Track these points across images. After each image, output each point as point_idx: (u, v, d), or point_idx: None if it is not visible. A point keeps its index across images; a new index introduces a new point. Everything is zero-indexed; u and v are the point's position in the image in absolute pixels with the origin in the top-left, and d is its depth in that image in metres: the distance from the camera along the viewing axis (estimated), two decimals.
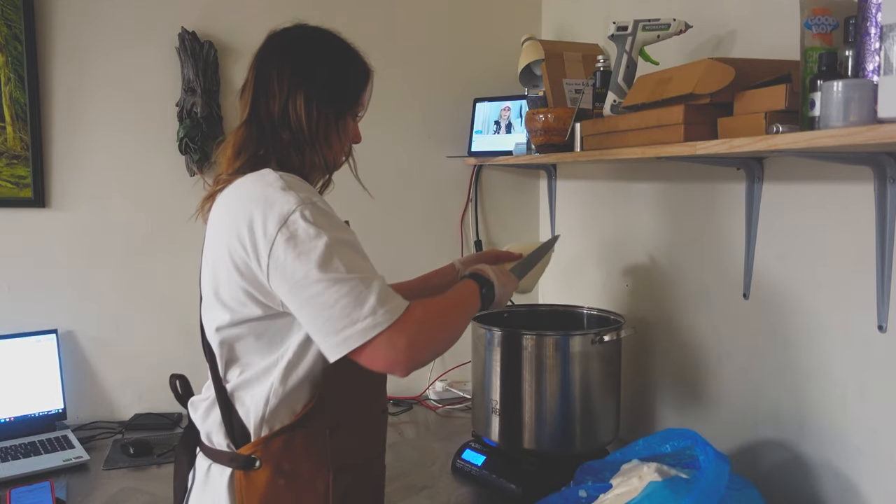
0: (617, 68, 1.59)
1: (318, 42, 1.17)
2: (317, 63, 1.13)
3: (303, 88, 1.10)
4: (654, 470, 1.27)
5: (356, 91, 1.17)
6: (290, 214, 0.98)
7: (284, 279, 0.98)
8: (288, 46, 1.16)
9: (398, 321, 0.97)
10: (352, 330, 0.95)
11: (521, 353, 1.63)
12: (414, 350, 0.98)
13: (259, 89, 1.13)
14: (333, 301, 0.96)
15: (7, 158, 1.91)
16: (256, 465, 1.05)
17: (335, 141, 1.15)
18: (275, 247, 0.98)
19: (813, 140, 1.02)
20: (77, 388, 2.00)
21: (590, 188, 2.12)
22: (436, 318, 1.05)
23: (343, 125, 1.16)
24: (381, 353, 0.96)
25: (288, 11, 2.30)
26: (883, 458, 1.21)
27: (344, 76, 1.15)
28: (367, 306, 0.96)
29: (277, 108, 1.10)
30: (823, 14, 1.12)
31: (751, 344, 1.50)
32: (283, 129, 1.10)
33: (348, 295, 0.96)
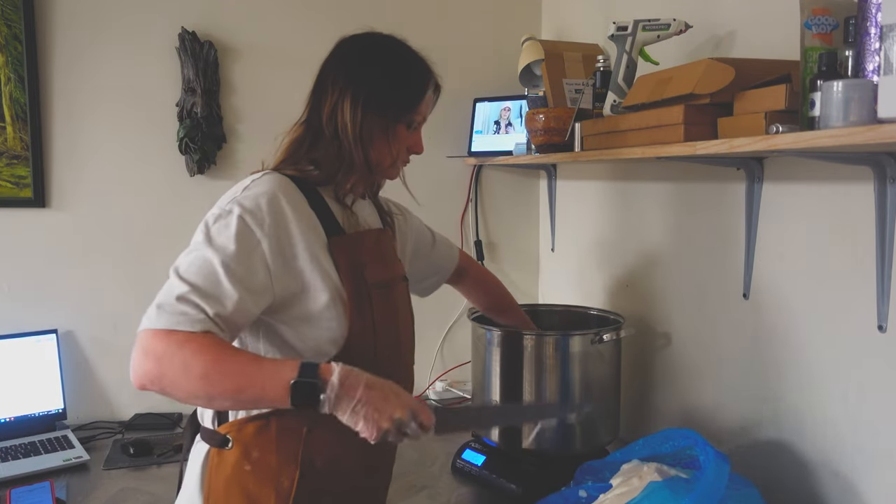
0: (617, 68, 1.59)
1: (377, 48, 1.19)
2: (370, 67, 1.15)
3: (351, 90, 1.12)
4: (654, 470, 1.27)
5: (410, 99, 1.17)
6: (216, 211, 1.06)
7: None
8: (348, 51, 1.18)
9: (152, 331, 0.96)
10: (147, 312, 0.98)
11: (521, 353, 1.63)
12: (136, 368, 0.95)
13: (317, 91, 1.17)
14: (167, 284, 1.02)
15: (7, 158, 1.91)
16: (228, 446, 1.08)
17: (382, 144, 1.15)
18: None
19: (813, 140, 1.02)
20: (77, 388, 2.00)
21: (590, 188, 2.12)
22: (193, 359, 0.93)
23: (394, 132, 1.16)
24: (136, 347, 0.96)
25: (287, 11, 2.31)
26: (883, 457, 1.21)
27: (397, 82, 1.16)
28: (153, 303, 0.99)
29: (328, 109, 1.13)
30: (823, 14, 1.12)
31: (751, 344, 1.50)
32: (329, 128, 1.13)
33: (167, 289, 1.01)
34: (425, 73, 1.19)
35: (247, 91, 2.10)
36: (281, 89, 2.11)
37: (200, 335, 0.95)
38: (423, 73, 1.19)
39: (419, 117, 1.20)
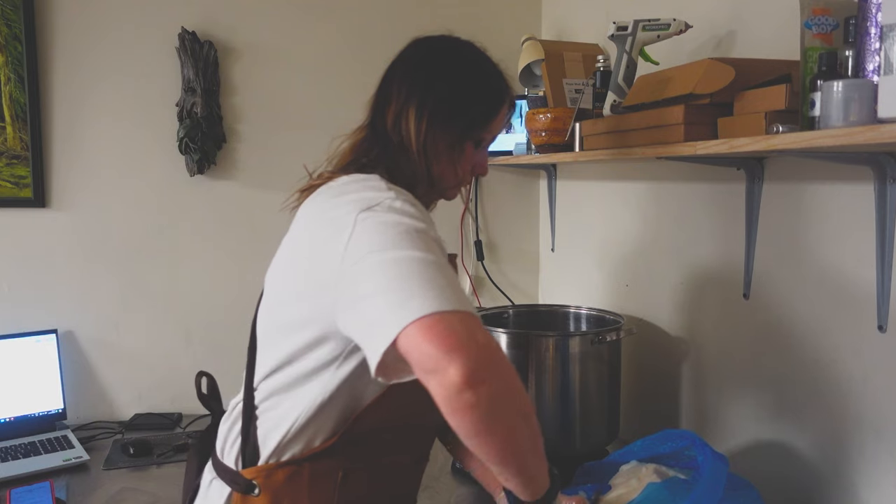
0: (617, 68, 1.59)
1: (451, 55, 1.09)
2: (440, 76, 1.05)
3: (417, 99, 1.03)
4: (652, 471, 1.27)
5: (480, 116, 1.07)
6: (379, 202, 0.87)
7: (354, 256, 0.82)
8: (419, 54, 1.09)
9: (466, 313, 0.76)
10: (416, 299, 0.75)
11: (522, 354, 1.63)
12: (497, 359, 0.75)
13: (381, 94, 1.08)
14: (407, 273, 0.77)
15: (7, 158, 1.91)
16: (255, 493, 0.98)
17: (446, 161, 1.05)
18: (355, 228, 0.84)
19: (813, 140, 1.02)
20: (77, 388, 2.00)
21: (590, 188, 2.12)
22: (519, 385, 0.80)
23: (460, 148, 1.06)
24: (447, 337, 0.72)
25: (287, 11, 2.31)
26: (883, 457, 1.21)
27: (468, 97, 1.06)
28: (441, 283, 0.77)
29: (392, 114, 1.05)
30: (823, 14, 1.12)
31: (751, 344, 1.50)
32: (394, 136, 1.05)
33: (427, 271, 0.78)
34: (502, 88, 1.09)
35: (247, 91, 2.10)
36: (281, 89, 2.11)
37: None
38: (500, 88, 1.09)
39: (489, 136, 1.10)
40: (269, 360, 1.00)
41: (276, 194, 2.11)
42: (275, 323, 1.00)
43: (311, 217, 0.97)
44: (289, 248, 1.01)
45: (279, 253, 1.04)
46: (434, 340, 0.72)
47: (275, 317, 1.00)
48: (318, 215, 0.95)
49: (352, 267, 0.83)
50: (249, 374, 1.04)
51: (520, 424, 0.80)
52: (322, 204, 0.95)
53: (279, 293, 1.01)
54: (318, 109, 2.14)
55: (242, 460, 1.02)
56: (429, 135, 1.03)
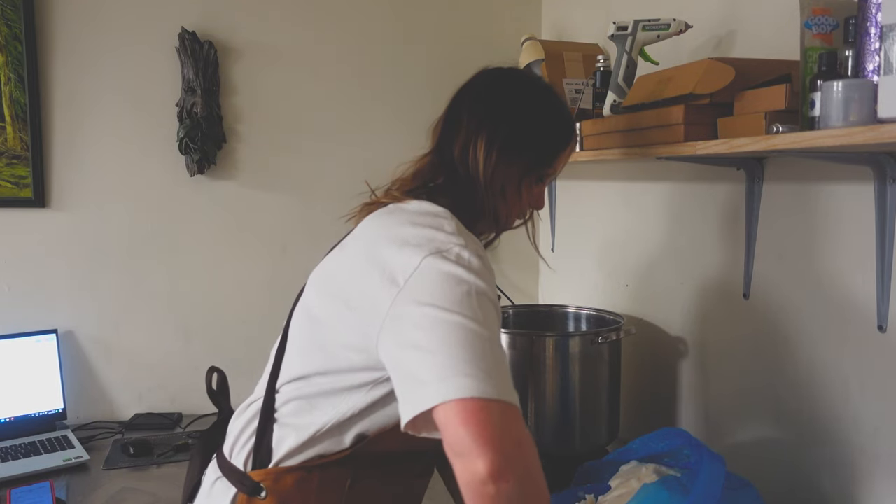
0: (617, 68, 1.59)
1: (523, 91, 1.08)
2: (511, 111, 1.05)
3: (486, 132, 1.02)
4: (652, 471, 1.27)
5: (547, 154, 1.07)
6: (448, 248, 0.87)
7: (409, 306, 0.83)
8: (491, 84, 1.09)
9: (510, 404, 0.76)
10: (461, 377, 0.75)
11: (522, 354, 1.63)
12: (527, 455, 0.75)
13: (449, 123, 1.07)
14: (461, 342, 0.78)
15: (7, 158, 1.91)
16: (261, 495, 0.97)
17: (512, 196, 1.05)
18: (419, 268, 0.85)
19: (813, 140, 1.02)
20: (77, 388, 2.00)
21: (590, 188, 2.12)
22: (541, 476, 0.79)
23: (527, 184, 1.06)
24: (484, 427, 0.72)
25: (287, 11, 2.31)
26: (883, 457, 1.21)
27: (537, 134, 1.06)
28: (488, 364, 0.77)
29: (459, 146, 1.04)
30: (823, 14, 1.12)
31: (751, 344, 1.50)
32: (461, 168, 1.03)
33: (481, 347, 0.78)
34: (570, 123, 1.10)
35: (247, 91, 2.10)
36: (281, 89, 2.11)
37: None
38: (567, 123, 1.09)
39: (553, 172, 1.09)
40: (299, 366, 1.00)
41: (276, 194, 2.13)
42: (314, 331, 0.99)
43: (376, 236, 0.96)
44: (345, 259, 0.99)
45: (332, 259, 1.02)
46: (470, 427, 0.73)
47: (316, 325, 0.99)
48: (384, 237, 0.94)
49: (406, 308, 0.83)
50: (274, 374, 1.03)
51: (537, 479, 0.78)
52: (391, 227, 0.95)
53: (326, 303, 0.99)
54: (318, 109, 2.14)
55: (252, 462, 1.01)
56: (497, 167, 1.02)
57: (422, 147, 2.26)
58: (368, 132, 2.19)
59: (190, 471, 1.14)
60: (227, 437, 1.07)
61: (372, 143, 2.22)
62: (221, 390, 1.17)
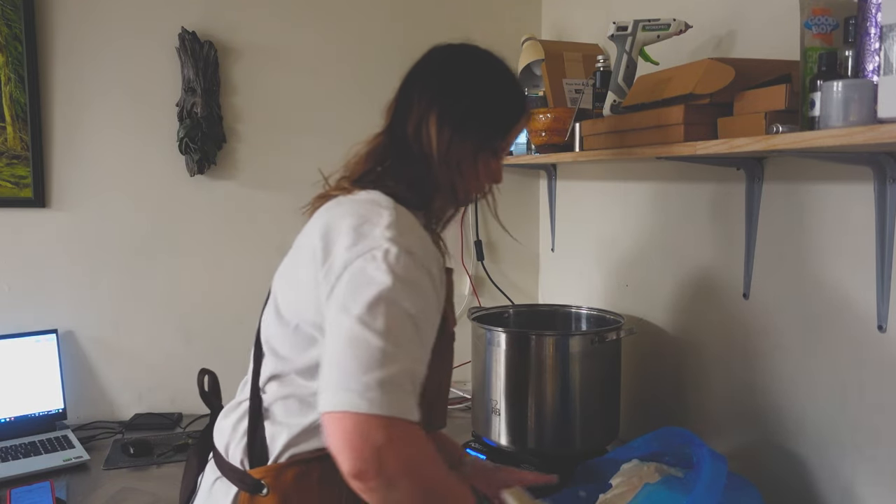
0: (617, 68, 1.59)
1: (474, 66, 1.09)
2: (463, 88, 1.06)
3: (438, 109, 1.03)
4: (653, 470, 1.27)
5: (501, 127, 1.08)
6: (378, 245, 0.90)
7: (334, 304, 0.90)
8: (442, 62, 1.09)
9: (394, 419, 0.83)
10: (337, 391, 0.84)
11: (522, 354, 1.63)
12: (386, 460, 0.82)
13: (401, 102, 1.08)
14: (351, 355, 0.85)
15: (7, 158, 1.91)
16: (263, 492, 0.98)
17: (468, 170, 1.06)
18: (345, 272, 0.90)
19: (813, 140, 1.02)
20: (77, 388, 2.00)
21: (590, 188, 2.12)
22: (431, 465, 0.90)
23: (481, 159, 1.07)
24: (344, 436, 0.82)
25: (287, 11, 2.31)
26: (883, 458, 1.21)
27: (491, 108, 1.07)
28: (372, 377, 0.83)
29: (413, 124, 1.04)
30: (823, 14, 1.12)
31: (751, 344, 1.50)
32: (415, 146, 1.04)
33: (363, 355, 0.85)
34: (522, 99, 1.11)
35: (247, 91, 2.10)
36: (281, 89, 2.11)
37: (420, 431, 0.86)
38: (520, 98, 1.11)
39: (507, 144, 1.11)
40: (277, 366, 1.01)
41: (276, 194, 2.12)
42: (285, 329, 1.01)
43: (320, 232, 0.97)
44: (300, 256, 1.01)
45: (290, 259, 1.04)
46: (336, 435, 0.83)
47: (285, 324, 1.01)
48: (326, 233, 0.96)
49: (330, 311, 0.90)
50: (255, 376, 1.04)
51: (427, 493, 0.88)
52: (333, 222, 0.97)
53: (290, 301, 1.01)
54: (318, 109, 2.14)
55: (250, 460, 1.01)
56: (452, 143, 1.03)
57: None
58: (368, 132, 2.19)
59: (187, 473, 1.14)
60: (220, 437, 1.08)
61: None
62: (213, 391, 1.18)
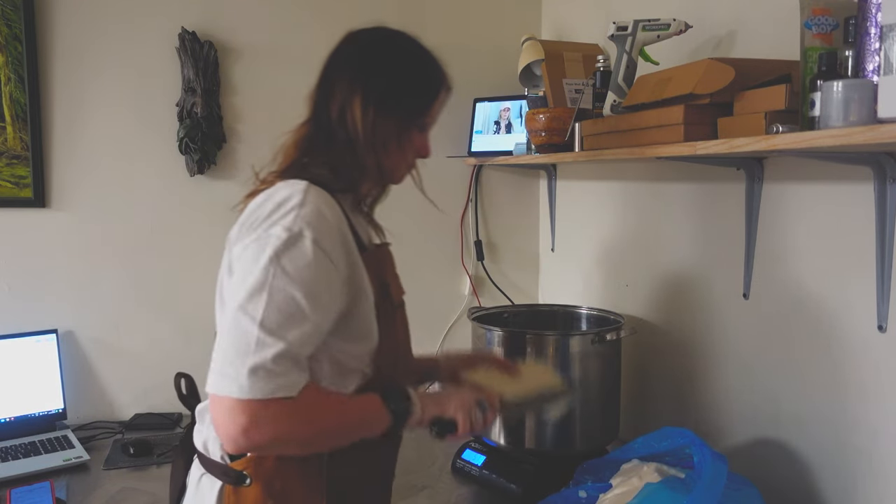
0: (617, 68, 1.59)
1: (391, 46, 1.12)
2: (382, 68, 1.08)
3: (361, 92, 1.05)
4: (653, 470, 1.27)
5: (423, 102, 1.11)
6: (274, 222, 0.95)
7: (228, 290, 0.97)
8: (358, 47, 1.12)
9: (263, 401, 0.90)
10: (217, 375, 0.91)
11: (522, 354, 1.63)
12: (250, 438, 0.91)
13: (323, 89, 1.09)
14: (231, 339, 0.91)
15: (7, 158, 1.91)
16: (247, 482, 1.01)
17: (394, 149, 1.08)
18: (238, 260, 0.96)
19: (813, 140, 1.02)
20: (77, 388, 2.00)
21: (590, 188, 2.12)
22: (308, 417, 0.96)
23: (406, 136, 1.09)
24: (218, 416, 0.91)
25: (287, 11, 2.31)
26: (883, 458, 1.21)
27: (410, 84, 1.09)
28: (245, 365, 0.89)
29: (336, 109, 1.06)
30: (823, 14, 1.12)
31: (751, 344, 1.50)
32: (340, 131, 1.06)
33: (240, 342, 0.90)
34: (440, 71, 1.13)
35: (247, 91, 2.10)
36: (281, 89, 2.11)
37: (302, 393, 0.93)
38: (438, 73, 1.13)
39: (431, 119, 1.13)
40: None
41: None
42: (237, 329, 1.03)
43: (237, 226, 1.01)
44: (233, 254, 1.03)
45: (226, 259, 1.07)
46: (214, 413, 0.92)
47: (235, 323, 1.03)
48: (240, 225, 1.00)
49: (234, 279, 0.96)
50: None
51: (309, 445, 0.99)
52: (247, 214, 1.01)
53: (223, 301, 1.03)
54: None
55: (229, 454, 1.03)
56: (376, 125, 1.05)
57: None
58: None
59: (174, 474, 1.16)
60: (198, 436, 1.10)
61: None
62: (191, 393, 1.20)
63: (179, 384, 1.19)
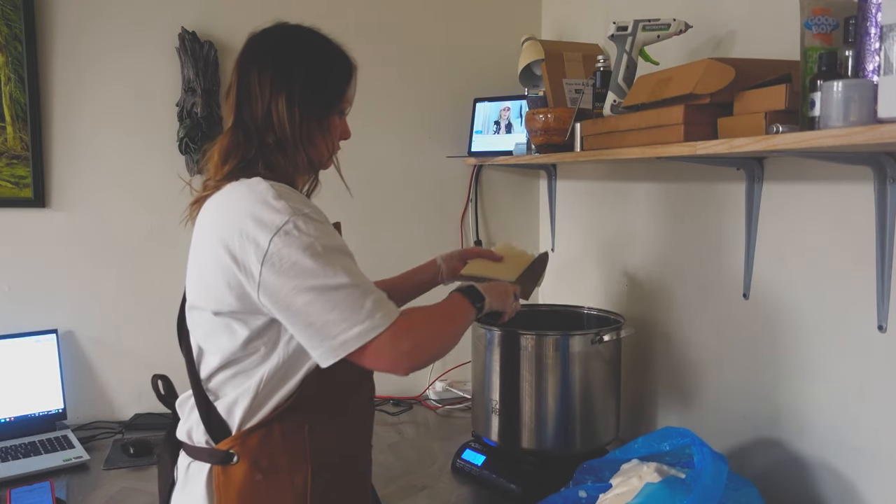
0: (617, 68, 1.59)
1: (298, 41, 1.16)
2: (296, 63, 1.11)
3: (284, 90, 1.09)
4: (653, 470, 1.27)
5: (339, 88, 1.15)
6: (283, 225, 0.99)
7: (277, 289, 0.99)
8: (268, 48, 1.14)
9: (396, 323, 1.01)
10: (349, 333, 0.98)
11: (521, 353, 1.63)
12: (416, 350, 1.03)
13: (242, 93, 1.11)
14: (331, 307, 0.98)
15: (7, 158, 1.91)
16: (234, 461, 1.06)
17: (319, 140, 1.14)
18: (267, 258, 0.98)
19: (813, 140, 1.02)
20: (77, 388, 2.00)
21: (590, 188, 2.12)
22: (430, 322, 1.11)
23: (328, 124, 1.14)
24: (384, 353, 1.00)
25: (288, 12, 2.30)
26: (883, 458, 1.21)
27: (325, 74, 1.14)
28: (364, 310, 0.98)
29: (260, 111, 1.09)
30: (823, 14, 1.12)
31: (751, 344, 1.50)
32: (268, 133, 1.09)
33: (346, 300, 0.98)
34: (346, 58, 1.18)
35: None
36: None
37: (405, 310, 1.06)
38: (345, 59, 1.17)
39: (348, 103, 1.18)
40: (214, 359, 1.08)
41: None
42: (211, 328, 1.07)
43: (217, 231, 1.04)
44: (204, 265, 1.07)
45: (193, 265, 1.11)
46: (371, 361, 1.01)
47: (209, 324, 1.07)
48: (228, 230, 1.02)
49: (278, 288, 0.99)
50: (193, 373, 1.11)
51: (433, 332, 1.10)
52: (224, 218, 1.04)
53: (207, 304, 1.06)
54: None
55: (213, 437, 1.08)
56: (303, 119, 1.10)
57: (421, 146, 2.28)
58: (368, 132, 2.19)
59: (162, 469, 1.20)
60: (181, 428, 1.14)
61: (372, 143, 2.22)
62: (169, 393, 1.23)
63: (157, 386, 1.22)
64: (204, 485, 1.07)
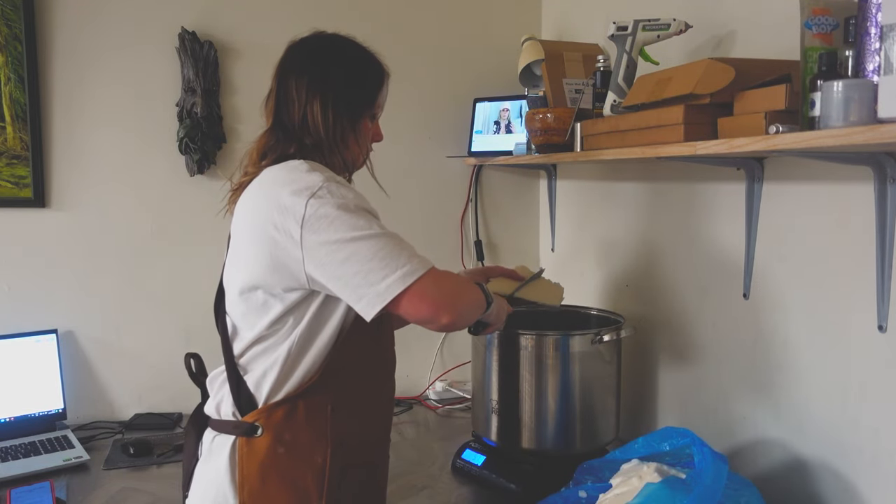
0: (617, 68, 1.59)
1: (334, 49, 1.22)
2: (332, 69, 1.18)
3: (320, 95, 1.16)
4: (653, 470, 1.27)
5: (372, 94, 1.22)
6: (317, 189, 1.04)
7: (318, 248, 1.03)
8: (306, 55, 1.21)
9: (434, 269, 1.06)
10: (393, 276, 1.01)
11: (521, 353, 1.63)
12: (456, 295, 1.09)
13: (280, 98, 1.19)
14: (371, 255, 1.02)
15: (7, 158, 1.91)
16: (258, 433, 1.10)
17: (353, 143, 1.20)
18: (306, 220, 1.03)
19: (813, 140, 1.02)
20: (77, 388, 2.00)
21: (590, 188, 2.12)
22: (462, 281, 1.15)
23: (360, 127, 1.21)
24: (428, 294, 1.03)
25: (287, 11, 2.31)
26: (883, 458, 1.21)
27: (359, 80, 1.21)
28: (404, 254, 1.03)
29: (297, 115, 1.16)
30: (823, 14, 1.12)
31: (751, 344, 1.50)
32: (305, 135, 1.16)
33: (384, 247, 1.03)
34: (380, 65, 1.24)
35: (247, 91, 2.10)
36: None
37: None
38: (378, 66, 1.24)
39: (380, 108, 1.25)
40: (248, 335, 1.13)
41: None
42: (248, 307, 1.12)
43: (258, 208, 1.09)
44: (245, 239, 1.12)
45: (235, 248, 1.15)
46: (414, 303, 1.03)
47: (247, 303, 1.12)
48: (266, 204, 1.07)
49: (319, 246, 1.03)
50: (228, 349, 1.16)
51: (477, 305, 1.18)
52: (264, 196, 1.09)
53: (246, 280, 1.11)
54: None
55: (240, 410, 1.12)
56: (337, 123, 1.17)
57: (421, 146, 2.29)
58: None
59: (187, 444, 1.23)
60: (210, 403, 1.19)
61: None
62: (201, 371, 1.27)
63: (189, 363, 1.27)
64: (227, 456, 1.11)
